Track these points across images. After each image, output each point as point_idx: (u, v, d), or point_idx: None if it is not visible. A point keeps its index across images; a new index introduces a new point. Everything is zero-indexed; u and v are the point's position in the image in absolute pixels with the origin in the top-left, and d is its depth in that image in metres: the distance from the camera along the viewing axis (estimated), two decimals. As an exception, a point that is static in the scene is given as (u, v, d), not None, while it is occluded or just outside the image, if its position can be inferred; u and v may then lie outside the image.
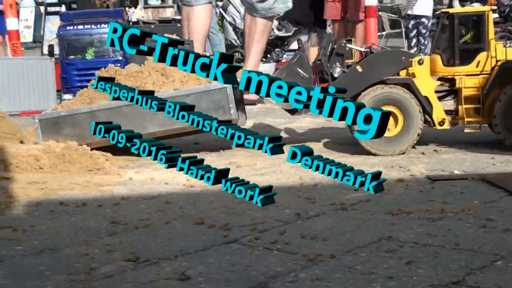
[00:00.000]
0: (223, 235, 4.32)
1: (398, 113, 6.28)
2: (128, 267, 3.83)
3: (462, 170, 5.78)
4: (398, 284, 3.45)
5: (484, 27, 6.34)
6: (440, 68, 6.44)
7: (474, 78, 6.34)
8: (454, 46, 6.37)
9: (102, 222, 4.69)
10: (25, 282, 3.67)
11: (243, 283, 3.55)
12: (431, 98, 6.36)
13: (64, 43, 11.23)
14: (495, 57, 6.30)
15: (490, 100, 6.28)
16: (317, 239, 4.17)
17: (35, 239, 4.37)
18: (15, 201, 5.22)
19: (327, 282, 3.50)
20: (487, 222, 4.36)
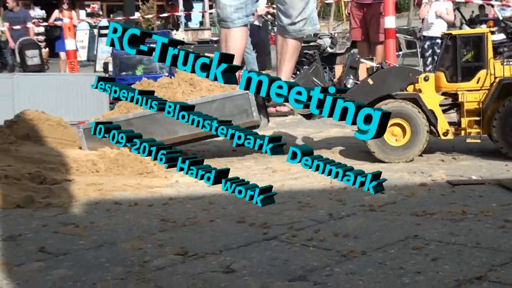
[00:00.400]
0: (262, 233, 4.36)
1: (406, 125, 6.34)
2: (178, 260, 3.89)
3: (479, 176, 5.78)
4: (425, 279, 3.46)
5: (483, 47, 6.38)
6: (444, 84, 6.50)
7: (475, 93, 6.40)
8: (457, 65, 6.42)
9: (153, 220, 4.76)
10: (88, 273, 3.74)
11: (283, 276, 3.59)
12: (436, 111, 6.42)
13: (117, 61, 11.51)
14: (494, 74, 6.34)
15: (489, 113, 6.32)
16: (349, 237, 4.20)
17: (94, 235, 4.46)
18: (76, 201, 5.33)
19: (360, 276, 3.53)
20: (505, 223, 4.35)
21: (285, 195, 5.31)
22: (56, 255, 4.06)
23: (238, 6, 7.85)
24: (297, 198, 5.20)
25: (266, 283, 3.49)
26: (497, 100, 6.28)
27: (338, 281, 3.49)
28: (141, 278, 3.62)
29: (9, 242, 4.36)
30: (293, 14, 7.75)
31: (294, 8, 7.73)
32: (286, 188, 5.55)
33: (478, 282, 3.40)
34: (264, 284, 3.48)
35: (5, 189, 5.37)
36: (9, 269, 3.82)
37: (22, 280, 3.65)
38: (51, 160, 6.10)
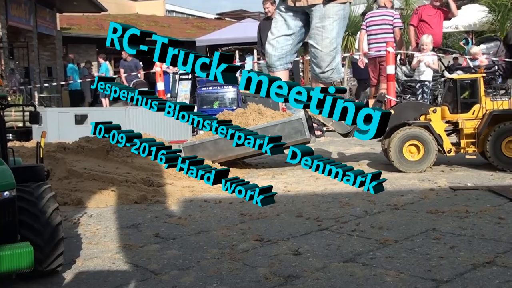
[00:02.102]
0: (317, 225, 4.22)
1: (420, 145, 6.26)
2: (257, 245, 3.77)
3: (473, 183, 5.58)
4: (448, 262, 3.29)
5: (477, 88, 6.28)
6: (447, 115, 6.41)
7: (471, 121, 6.30)
8: (457, 100, 6.34)
9: (234, 214, 4.65)
10: (192, 253, 3.64)
11: (338, 258, 3.45)
12: (442, 135, 6.31)
13: (200, 98, 11.58)
14: (485, 108, 6.26)
15: (482, 136, 6.19)
16: (383, 228, 4.04)
17: (193, 224, 4.36)
18: (175, 199, 5.27)
19: (397, 260, 3.37)
20: (500, 220, 4.16)
21: (328, 197, 5.19)
22: (167, 239, 3.97)
23: (280, 56, 7.98)
24: (338, 199, 5.06)
25: (326, 264, 3.34)
26: (488, 126, 6.16)
27: (381, 263, 3.33)
28: (232, 258, 3.50)
29: (132, 229, 4.29)
30: (323, 65, 7.77)
31: (324, 61, 7.77)
32: (329, 191, 5.42)
33: (489, 266, 3.21)
34: (325, 264, 3.34)
35: (126, 190, 5.35)
36: (135, 249, 3.75)
37: (145, 258, 3.57)
38: (157, 168, 6.05)
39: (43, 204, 3.10)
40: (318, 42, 7.85)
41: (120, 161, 6.10)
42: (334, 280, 3.07)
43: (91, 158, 6.09)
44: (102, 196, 5.20)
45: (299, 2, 7.86)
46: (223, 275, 3.20)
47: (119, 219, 4.57)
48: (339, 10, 7.87)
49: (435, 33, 12.04)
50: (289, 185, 5.84)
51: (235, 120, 6.84)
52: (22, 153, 6.14)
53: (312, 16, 7.88)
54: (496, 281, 2.98)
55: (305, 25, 8.12)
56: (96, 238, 4.05)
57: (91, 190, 5.28)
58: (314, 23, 7.87)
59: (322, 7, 7.75)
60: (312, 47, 7.97)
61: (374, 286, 2.97)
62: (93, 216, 4.70)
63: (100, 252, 3.72)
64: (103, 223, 4.46)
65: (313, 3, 7.77)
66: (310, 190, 5.54)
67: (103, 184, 5.46)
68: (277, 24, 8.15)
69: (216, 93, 11.75)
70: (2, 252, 2.76)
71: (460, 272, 3.11)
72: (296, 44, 8.24)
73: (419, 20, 12.47)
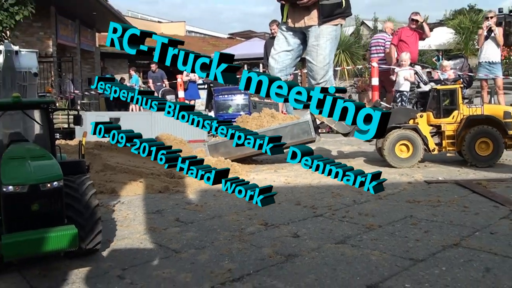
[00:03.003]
0: (313, 212, 4.19)
1: (410, 144, 6.16)
2: (262, 228, 3.74)
3: (443, 177, 5.52)
4: (422, 244, 3.26)
5: (456, 96, 6.21)
6: (432, 119, 6.31)
7: (451, 125, 6.21)
8: (440, 107, 6.26)
9: (242, 202, 4.56)
10: (207, 235, 3.62)
11: (331, 240, 3.42)
12: (427, 136, 6.22)
13: (216, 104, 11.54)
14: (462, 113, 6.18)
15: (460, 138, 6.12)
16: (369, 215, 4.01)
17: (208, 210, 4.34)
18: (193, 189, 5.24)
19: (380, 242, 3.34)
20: (465, 208, 4.13)
21: (322, 188, 5.15)
22: (186, 223, 3.95)
23: (280, 69, 7.84)
24: (330, 190, 5.01)
25: (320, 244, 3.32)
26: (465, 129, 6.11)
27: (367, 244, 3.30)
28: (241, 239, 3.48)
29: (156, 215, 4.26)
30: (317, 78, 7.71)
31: (318, 74, 7.71)
32: (323, 183, 5.37)
33: (455, 247, 3.19)
34: (320, 245, 3.31)
35: (151, 181, 5.32)
36: (159, 232, 3.73)
37: (167, 239, 3.54)
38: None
39: (83, 190, 3.11)
40: (314, 58, 7.81)
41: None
42: (328, 258, 3.04)
43: (123, 154, 6.06)
44: (131, 186, 5.17)
45: (298, 23, 7.83)
46: (233, 254, 3.18)
47: (146, 206, 4.55)
48: (332, 31, 7.83)
49: (412, 51, 12.02)
50: (289, 178, 5.80)
51: (252, 123, 6.83)
52: (66, 149, 6.13)
53: (309, 36, 7.84)
54: (461, 260, 2.96)
55: (303, 43, 8.09)
56: (127, 222, 4.03)
57: (123, 181, 5.26)
58: (310, 41, 7.84)
59: (317, 28, 7.72)
60: (308, 62, 7.93)
61: (361, 264, 2.94)
62: (124, 203, 4.68)
63: (130, 233, 3.70)
64: (132, 209, 4.44)
65: (309, 25, 7.75)
66: (307, 183, 5.50)
67: (133, 176, 5.44)
68: (279, 41, 8.12)
69: (230, 100, 11.72)
70: (52, 233, 2.77)
71: (433, 252, 3.09)
72: (295, 59, 8.19)
73: (399, 40, 12.46)
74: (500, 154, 6.00)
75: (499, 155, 6.00)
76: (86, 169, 3.53)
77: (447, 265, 2.87)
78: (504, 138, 5.99)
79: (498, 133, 5.95)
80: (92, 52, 21.96)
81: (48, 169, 2.93)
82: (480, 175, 5.56)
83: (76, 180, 3.16)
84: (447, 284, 2.62)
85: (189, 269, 2.94)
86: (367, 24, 31.48)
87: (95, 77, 13.93)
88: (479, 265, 2.86)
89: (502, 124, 6.01)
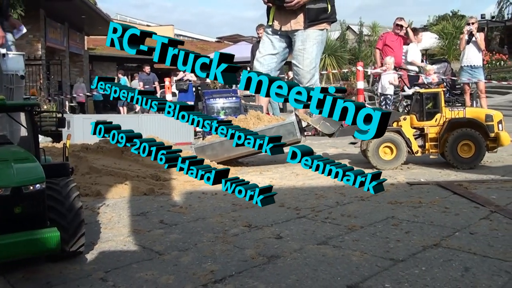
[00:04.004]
0: (296, 213, 4.18)
1: (393, 146, 6.17)
2: (246, 230, 3.72)
3: (425, 179, 5.54)
4: (403, 244, 3.26)
5: (439, 100, 6.25)
6: (415, 122, 6.34)
7: (434, 127, 6.23)
8: (423, 110, 6.28)
9: (227, 204, 4.59)
10: (191, 237, 3.60)
11: (313, 241, 3.41)
12: (411, 139, 6.24)
13: (207, 108, 11.51)
14: (445, 116, 6.21)
15: (443, 140, 6.15)
16: (351, 216, 4.01)
17: (192, 213, 4.31)
18: (178, 191, 5.21)
19: (362, 242, 3.34)
20: (445, 209, 4.14)
21: (306, 190, 5.15)
22: (170, 225, 3.92)
23: (265, 72, 7.82)
24: (314, 192, 5.01)
25: (302, 245, 3.31)
26: (447, 132, 6.14)
27: (348, 245, 3.30)
28: (224, 241, 3.46)
29: (141, 217, 4.23)
30: (304, 81, 7.74)
31: (304, 78, 7.75)
32: (307, 185, 5.37)
33: (435, 247, 3.19)
34: (302, 246, 3.30)
35: (137, 184, 5.29)
36: (143, 234, 3.70)
37: (151, 241, 3.51)
38: (163, 166, 5.96)
39: (67, 192, 3.08)
40: (300, 62, 7.83)
41: (132, 159, 6.04)
42: (309, 259, 3.04)
43: (109, 157, 6.02)
44: (117, 188, 5.13)
45: (285, 27, 7.85)
46: (216, 255, 3.16)
47: (130, 208, 4.51)
48: (318, 35, 7.86)
49: (396, 55, 12.11)
50: (273, 180, 5.79)
51: (238, 124, 6.80)
52: (53, 152, 6.07)
53: (295, 40, 7.86)
54: (441, 260, 2.96)
55: (288, 46, 8.11)
56: (111, 224, 3.99)
57: (108, 184, 5.22)
58: (297, 45, 7.86)
59: (304, 32, 7.75)
60: (295, 66, 7.95)
61: (342, 264, 2.94)
62: (109, 206, 4.64)
63: (114, 235, 3.66)
64: (117, 211, 4.41)
65: (296, 29, 7.77)
66: (291, 184, 5.50)
67: (118, 178, 5.40)
68: (264, 44, 8.12)
69: (222, 104, 11.68)
70: (34, 236, 2.74)
71: (413, 253, 3.09)
72: (279, 62, 8.20)
73: (384, 44, 12.55)
74: (481, 156, 6.04)
75: (480, 157, 6.04)
76: (70, 171, 3.49)
77: (427, 265, 2.88)
78: (486, 140, 6.03)
79: (479, 135, 5.99)
80: (80, 55, 21.84)
81: (31, 171, 2.90)
82: (462, 177, 5.60)
83: (59, 183, 3.13)
84: (426, 283, 2.62)
85: (172, 271, 2.92)
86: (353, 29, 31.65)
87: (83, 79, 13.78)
88: (458, 264, 2.87)
89: (484, 126, 6.05)
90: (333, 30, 23.04)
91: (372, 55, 16.73)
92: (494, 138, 6.07)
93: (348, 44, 27.72)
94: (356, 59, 24.00)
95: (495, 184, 5.10)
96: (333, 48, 22.22)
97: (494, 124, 6.10)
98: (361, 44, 27.74)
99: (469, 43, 11.92)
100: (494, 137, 6.06)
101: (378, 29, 27.50)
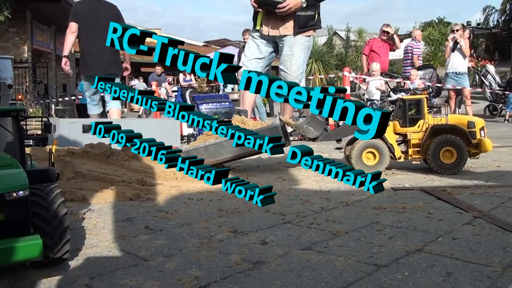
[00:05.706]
0: (281, 219, 4.20)
1: (376, 152, 6.20)
2: (231, 235, 3.73)
3: (410, 184, 5.60)
4: (386, 250, 3.30)
5: (422, 106, 6.31)
6: (398, 128, 6.39)
7: (417, 133, 6.28)
8: (406, 116, 6.33)
9: (213, 209, 4.59)
10: (176, 242, 3.60)
11: (297, 246, 3.43)
12: (394, 144, 6.28)
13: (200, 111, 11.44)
14: (428, 122, 6.27)
15: (425, 146, 6.21)
16: (336, 222, 4.04)
17: (177, 218, 4.31)
18: (164, 197, 5.19)
19: (346, 248, 3.37)
20: (429, 215, 4.19)
21: (292, 195, 5.17)
22: (156, 231, 3.91)
23: None
24: (299, 197, 5.04)
25: (287, 251, 3.33)
26: (430, 138, 6.19)
27: (333, 250, 3.33)
28: (210, 246, 3.47)
29: (126, 222, 4.22)
30: None
31: None
32: (292, 191, 5.40)
33: (418, 253, 3.24)
34: (286, 251, 3.32)
35: (123, 189, 5.26)
36: (128, 239, 3.69)
37: (136, 247, 3.51)
38: (149, 171, 5.97)
39: (51, 199, 3.06)
40: (288, 67, 7.89)
41: (118, 164, 6.01)
42: (294, 265, 3.06)
43: (94, 162, 5.98)
44: (102, 194, 5.10)
45: (272, 32, 7.90)
46: (201, 261, 3.17)
47: (116, 214, 4.50)
48: (305, 41, 7.93)
49: (382, 61, 12.24)
50: (260, 185, 5.80)
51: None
52: (38, 157, 6.02)
53: (283, 45, 7.91)
54: (424, 265, 3.00)
55: (275, 51, 8.15)
56: (96, 230, 3.98)
57: (94, 189, 5.19)
58: (284, 51, 7.90)
59: (292, 38, 7.81)
60: (282, 71, 8.00)
61: (326, 270, 2.96)
62: (95, 211, 4.62)
63: (99, 241, 3.65)
64: (102, 217, 4.39)
65: (284, 34, 7.82)
66: (277, 190, 5.51)
67: (104, 183, 5.37)
68: (250, 48, 8.16)
69: (215, 109, 11.64)
70: (16, 243, 2.72)
71: (396, 258, 3.13)
72: (265, 67, 8.24)
73: (370, 50, 12.68)
74: (463, 162, 6.12)
75: (462, 163, 6.12)
76: (55, 177, 3.48)
77: (410, 270, 2.92)
78: (468, 146, 6.11)
79: (461, 142, 6.07)
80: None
81: (14, 178, 2.88)
82: (446, 182, 5.67)
83: (44, 189, 3.11)
84: (408, 289, 2.66)
85: (157, 277, 2.92)
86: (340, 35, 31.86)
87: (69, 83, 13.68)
88: (441, 269, 2.91)
89: (466, 133, 6.13)
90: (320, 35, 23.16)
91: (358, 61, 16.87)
92: (476, 145, 6.15)
93: (335, 49, 27.90)
94: (342, 64, 24.16)
95: (478, 189, 5.17)
96: (320, 53, 22.34)
97: (476, 130, 6.17)
98: (348, 50, 27.94)
99: (454, 51, 12.08)
100: (476, 143, 6.15)
101: (364, 35, 27.73)
